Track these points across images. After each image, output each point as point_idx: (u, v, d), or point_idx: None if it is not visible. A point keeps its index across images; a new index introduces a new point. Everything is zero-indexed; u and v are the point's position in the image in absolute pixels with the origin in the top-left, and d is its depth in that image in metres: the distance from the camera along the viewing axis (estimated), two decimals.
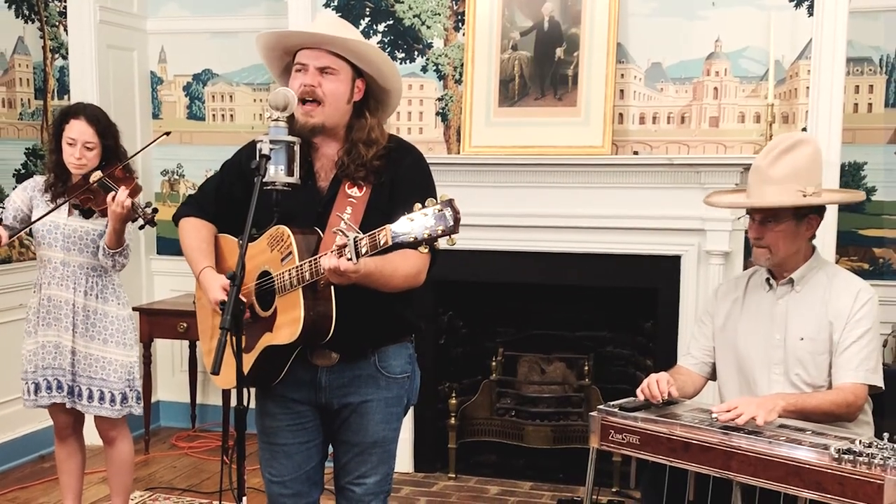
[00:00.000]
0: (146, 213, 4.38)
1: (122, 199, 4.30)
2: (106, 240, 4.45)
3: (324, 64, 3.24)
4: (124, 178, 4.50)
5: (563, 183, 5.50)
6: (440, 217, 2.72)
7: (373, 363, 3.34)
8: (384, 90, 3.40)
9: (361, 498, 3.42)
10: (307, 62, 3.25)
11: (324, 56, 3.24)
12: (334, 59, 3.25)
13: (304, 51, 3.28)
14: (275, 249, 3.17)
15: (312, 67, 3.24)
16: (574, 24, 5.53)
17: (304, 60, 3.26)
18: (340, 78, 3.26)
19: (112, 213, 4.32)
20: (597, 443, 3.68)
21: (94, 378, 4.60)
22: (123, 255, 4.52)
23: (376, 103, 3.40)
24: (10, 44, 6.31)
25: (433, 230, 2.72)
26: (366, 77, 3.33)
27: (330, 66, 3.24)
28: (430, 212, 2.73)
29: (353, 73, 3.29)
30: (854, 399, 3.55)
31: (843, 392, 3.56)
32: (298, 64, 3.27)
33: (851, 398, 3.55)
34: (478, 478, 6.03)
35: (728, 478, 3.31)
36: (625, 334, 6.17)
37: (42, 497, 5.65)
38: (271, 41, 3.37)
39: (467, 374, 6.31)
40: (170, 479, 6.02)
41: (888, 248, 5.69)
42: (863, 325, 3.61)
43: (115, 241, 4.43)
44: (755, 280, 3.90)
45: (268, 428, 3.44)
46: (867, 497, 2.96)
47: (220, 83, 6.94)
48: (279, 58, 3.42)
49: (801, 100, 5.28)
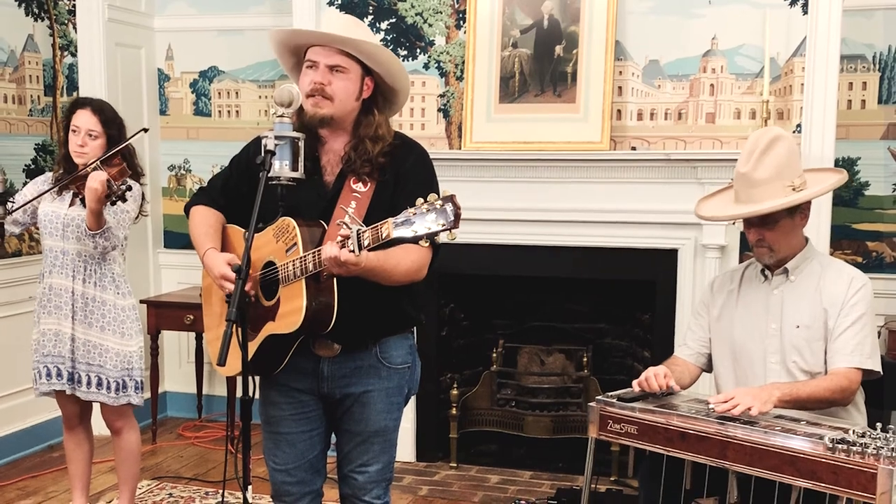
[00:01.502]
0: (118, 189, 4.28)
1: (97, 176, 4.24)
2: (86, 220, 4.43)
3: (334, 62, 3.24)
4: (118, 166, 4.47)
5: (563, 178, 5.50)
6: (441, 212, 2.73)
7: (374, 354, 3.34)
8: (392, 89, 3.41)
9: (364, 486, 3.42)
10: (318, 59, 3.26)
11: (334, 55, 3.25)
12: (344, 58, 3.25)
13: (314, 48, 3.28)
14: (280, 240, 3.17)
15: (323, 65, 3.24)
16: (573, 22, 5.53)
17: (315, 58, 3.26)
18: (350, 76, 3.27)
19: (87, 190, 4.26)
20: (595, 433, 3.68)
21: (92, 364, 4.60)
22: (104, 238, 4.45)
23: (384, 101, 3.41)
24: (21, 41, 6.31)
25: (434, 225, 2.72)
26: (374, 76, 3.33)
27: (340, 64, 3.25)
28: (432, 207, 2.74)
29: (362, 71, 3.30)
30: (848, 384, 3.56)
31: (837, 377, 3.56)
32: (309, 61, 3.28)
33: (846, 383, 3.55)
34: (479, 467, 6.03)
35: (724, 467, 3.31)
36: (623, 326, 6.17)
37: (51, 486, 5.66)
38: (284, 38, 3.38)
39: (468, 366, 6.31)
40: (176, 468, 6.03)
41: (881, 241, 5.69)
42: (857, 310, 3.62)
43: (92, 221, 4.36)
44: (750, 272, 3.90)
45: (271, 417, 3.44)
46: (861, 486, 2.96)
47: (226, 80, 6.93)
48: (291, 53, 3.42)
49: (795, 96, 5.27)
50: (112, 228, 4.48)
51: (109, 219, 4.45)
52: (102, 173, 4.28)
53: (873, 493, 2.93)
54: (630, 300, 5.98)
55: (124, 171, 4.49)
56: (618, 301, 6.07)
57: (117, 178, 4.35)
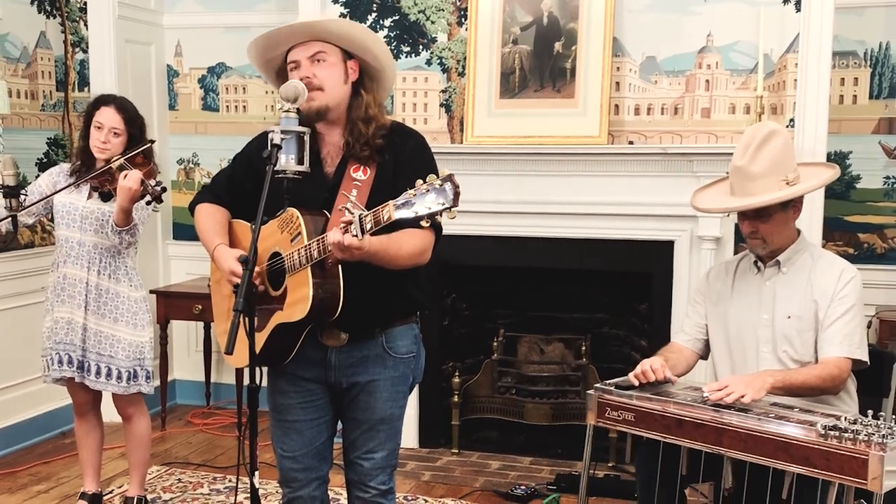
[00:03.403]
0: (154, 191, 4.35)
1: (134, 175, 4.29)
2: (114, 217, 4.44)
3: (312, 51, 3.25)
4: (143, 165, 4.49)
5: (562, 171, 5.50)
6: (440, 191, 2.73)
7: (380, 343, 3.34)
8: (376, 68, 3.40)
9: (369, 472, 3.42)
10: (298, 58, 3.27)
11: (311, 45, 3.26)
12: (321, 44, 3.26)
13: (293, 50, 3.29)
14: (285, 231, 3.17)
15: (304, 60, 3.25)
16: (572, 19, 5.52)
17: (295, 57, 3.28)
18: (332, 60, 3.28)
19: (122, 189, 4.30)
20: (594, 420, 3.67)
21: (103, 355, 4.61)
22: (130, 234, 4.48)
23: (371, 81, 3.40)
24: (33, 38, 6.31)
25: (434, 204, 2.72)
26: (357, 59, 3.34)
27: (319, 51, 3.25)
28: (431, 187, 2.74)
29: (343, 55, 3.30)
30: (838, 372, 3.56)
31: (827, 366, 3.56)
32: (291, 62, 3.29)
33: (836, 371, 3.55)
34: (480, 453, 6.04)
35: (719, 453, 3.31)
36: (620, 316, 6.16)
37: (63, 472, 5.66)
38: (261, 45, 3.37)
39: (470, 354, 6.31)
40: (185, 454, 6.03)
41: (872, 233, 5.69)
42: (846, 302, 3.62)
43: (122, 218, 4.40)
44: (744, 264, 3.90)
45: (279, 405, 3.44)
46: (852, 471, 2.96)
47: (233, 76, 6.93)
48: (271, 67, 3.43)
49: (789, 92, 5.27)
50: (137, 225, 4.51)
51: (136, 216, 4.47)
52: (138, 173, 4.32)
53: (864, 479, 2.93)
54: (627, 290, 5.97)
55: (152, 171, 4.52)
56: (616, 291, 6.07)
57: (147, 177, 4.37)
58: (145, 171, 4.42)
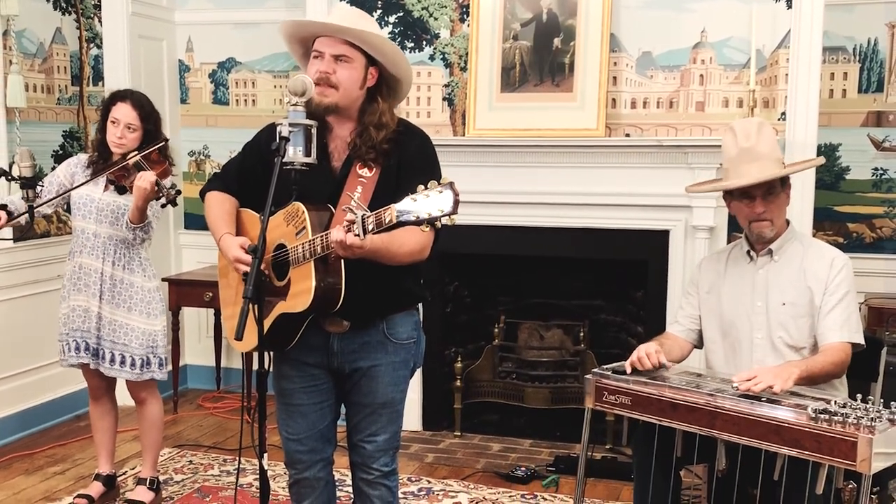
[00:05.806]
0: (169, 193, 4.35)
1: (148, 177, 4.29)
2: (129, 214, 4.44)
3: (339, 52, 3.21)
4: (159, 162, 4.48)
5: (560, 163, 5.49)
6: (441, 198, 2.71)
7: (381, 330, 3.33)
8: (395, 78, 3.37)
9: (372, 454, 3.41)
10: (324, 50, 3.22)
11: (339, 45, 3.21)
12: (349, 48, 3.22)
13: (321, 39, 3.25)
14: (290, 224, 3.15)
15: (328, 55, 3.21)
16: (570, 15, 5.51)
17: (321, 48, 3.23)
18: (354, 65, 3.23)
19: (137, 189, 4.30)
20: (592, 403, 3.68)
21: (117, 343, 4.60)
22: (143, 231, 4.49)
23: (388, 90, 3.36)
24: (49, 34, 6.29)
25: (434, 210, 2.70)
26: (378, 66, 3.31)
27: (345, 54, 3.21)
28: (432, 193, 2.72)
29: (366, 61, 3.26)
30: (845, 357, 3.59)
31: (836, 352, 3.57)
32: (316, 51, 3.25)
33: (843, 356, 3.58)
34: (481, 436, 6.03)
35: (713, 436, 3.31)
36: (617, 303, 6.16)
37: (78, 454, 5.66)
38: (292, 29, 3.35)
39: (471, 340, 6.30)
40: (196, 436, 6.03)
41: (861, 223, 5.69)
42: (842, 289, 3.64)
43: (136, 216, 4.41)
44: (736, 252, 3.90)
45: (284, 390, 3.44)
46: (842, 453, 2.96)
47: (242, 70, 6.91)
48: (299, 43, 3.39)
49: (780, 86, 5.26)
50: (151, 222, 4.52)
51: (149, 214, 4.47)
52: (151, 174, 4.32)
53: (854, 461, 2.94)
54: (624, 278, 5.96)
55: (167, 170, 4.51)
56: (613, 279, 6.05)
57: (162, 177, 4.37)
58: (160, 169, 4.42)
